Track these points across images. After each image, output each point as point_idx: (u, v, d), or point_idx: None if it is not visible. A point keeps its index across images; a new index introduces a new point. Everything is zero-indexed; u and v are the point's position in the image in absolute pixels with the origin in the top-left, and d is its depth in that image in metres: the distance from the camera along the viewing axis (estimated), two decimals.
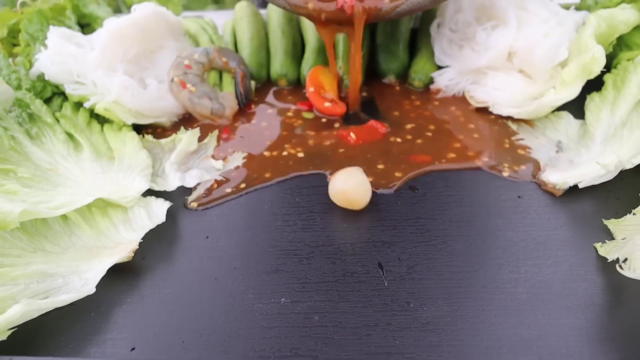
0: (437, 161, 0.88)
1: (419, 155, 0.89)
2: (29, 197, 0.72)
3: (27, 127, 0.90)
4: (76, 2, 1.21)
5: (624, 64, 0.96)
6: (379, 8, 0.89)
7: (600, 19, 0.97)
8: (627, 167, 0.77)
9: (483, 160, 0.88)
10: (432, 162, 0.88)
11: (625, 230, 0.71)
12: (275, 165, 0.90)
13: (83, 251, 0.71)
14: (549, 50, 0.92)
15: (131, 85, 0.95)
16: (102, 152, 0.89)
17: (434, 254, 0.71)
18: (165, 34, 1.10)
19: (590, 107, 0.95)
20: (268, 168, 0.89)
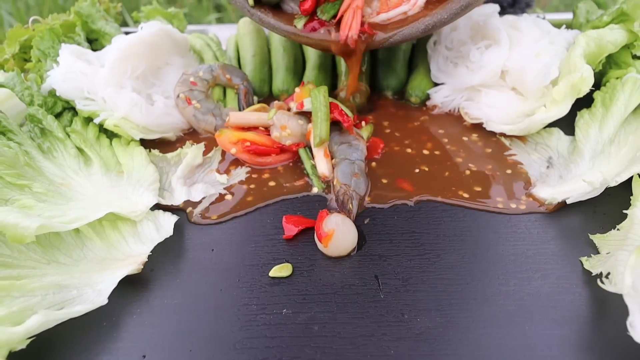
0: (428, 192, 0.90)
1: (405, 181, 0.92)
2: (43, 212, 0.76)
3: (39, 142, 0.94)
4: (85, 19, 1.26)
5: (613, 82, 1.00)
6: (373, 39, 0.94)
7: (589, 39, 1.01)
8: (611, 184, 0.81)
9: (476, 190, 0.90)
10: (414, 193, 0.89)
11: (610, 245, 0.74)
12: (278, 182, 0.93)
13: (95, 263, 0.75)
14: (540, 70, 0.96)
15: (139, 102, 0.99)
16: (111, 167, 0.93)
17: (427, 267, 0.74)
18: (171, 50, 1.15)
19: (580, 124, 0.99)
20: (270, 184, 0.93)
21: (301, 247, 0.79)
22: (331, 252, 0.76)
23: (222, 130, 0.97)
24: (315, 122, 0.92)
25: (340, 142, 0.95)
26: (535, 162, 0.96)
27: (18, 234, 0.67)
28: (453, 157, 0.98)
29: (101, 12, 1.30)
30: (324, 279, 0.73)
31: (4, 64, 1.24)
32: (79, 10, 1.26)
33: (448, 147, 1.01)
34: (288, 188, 0.91)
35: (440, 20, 0.91)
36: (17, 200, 0.77)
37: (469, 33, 1.12)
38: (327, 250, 0.76)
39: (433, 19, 0.91)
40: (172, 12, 1.43)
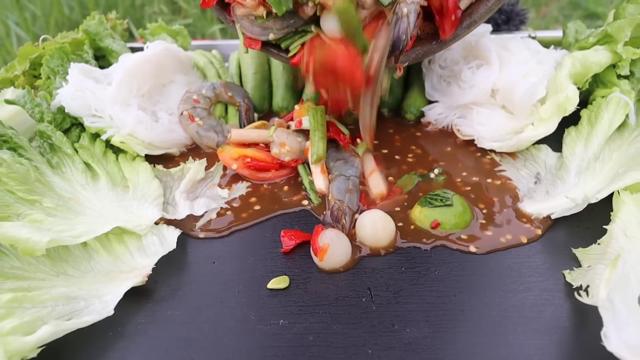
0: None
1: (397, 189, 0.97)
2: (53, 226, 0.80)
3: (48, 157, 0.98)
4: (93, 37, 1.31)
5: (598, 100, 1.05)
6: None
7: (575, 60, 1.05)
8: (592, 201, 0.85)
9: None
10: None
11: (591, 259, 0.78)
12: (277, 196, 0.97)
13: (101, 275, 0.79)
14: (527, 89, 1.01)
15: (144, 119, 1.04)
16: (117, 181, 0.97)
17: (417, 280, 0.78)
18: (175, 68, 1.19)
19: (567, 140, 1.03)
20: (270, 199, 0.97)
21: (298, 260, 0.83)
22: (326, 266, 0.80)
23: (223, 147, 1.01)
24: (313, 141, 0.96)
25: (336, 158, 0.99)
26: (524, 178, 1.00)
27: (29, 247, 0.71)
28: (446, 172, 1.02)
29: (108, 30, 1.35)
30: (319, 290, 0.77)
31: (15, 80, 1.29)
32: (87, 29, 1.31)
33: (442, 163, 1.05)
34: (286, 203, 0.95)
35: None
36: (28, 215, 0.81)
37: (461, 52, 1.16)
38: (322, 264, 0.80)
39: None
40: (177, 29, 1.48)
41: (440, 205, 0.88)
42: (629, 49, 1.05)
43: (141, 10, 3.37)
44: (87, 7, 3.07)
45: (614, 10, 1.23)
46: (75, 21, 3.08)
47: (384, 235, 0.83)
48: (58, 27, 3.04)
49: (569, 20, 3.13)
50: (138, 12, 3.36)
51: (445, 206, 0.88)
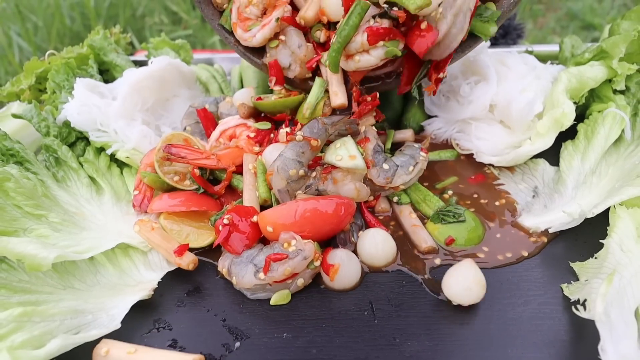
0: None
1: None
2: (59, 241, 0.82)
3: (54, 171, 1.00)
4: (97, 52, 1.33)
5: (595, 115, 1.07)
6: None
7: (571, 76, 1.08)
8: (589, 215, 0.87)
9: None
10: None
11: (588, 273, 0.80)
12: None
13: (108, 288, 0.80)
14: (525, 105, 1.03)
15: (148, 133, 1.05)
16: (122, 196, 0.99)
17: (418, 294, 0.80)
18: (179, 83, 1.22)
19: (564, 155, 1.05)
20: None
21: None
22: (336, 286, 0.81)
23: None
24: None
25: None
26: (522, 192, 1.02)
27: (36, 263, 0.72)
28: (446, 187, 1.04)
29: (112, 44, 1.37)
30: (322, 304, 0.79)
31: (21, 94, 1.31)
32: (91, 44, 1.33)
33: (442, 177, 1.07)
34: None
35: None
36: (35, 230, 0.82)
37: (460, 68, 1.19)
38: (332, 284, 0.80)
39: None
40: (179, 44, 1.51)
41: (453, 222, 0.89)
42: (624, 65, 1.08)
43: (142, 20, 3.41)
44: (88, 18, 3.10)
45: (609, 25, 1.26)
46: (76, 32, 3.10)
47: (383, 255, 0.84)
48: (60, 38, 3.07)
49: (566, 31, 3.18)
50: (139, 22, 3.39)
51: (458, 222, 0.89)
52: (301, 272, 0.77)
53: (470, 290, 0.74)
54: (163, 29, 3.26)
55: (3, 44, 2.87)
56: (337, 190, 0.85)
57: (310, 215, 0.77)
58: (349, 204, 0.81)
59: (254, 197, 0.89)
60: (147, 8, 3.36)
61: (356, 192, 0.85)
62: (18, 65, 2.78)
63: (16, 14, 2.93)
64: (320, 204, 0.78)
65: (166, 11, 3.38)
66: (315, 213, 0.77)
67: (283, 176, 0.82)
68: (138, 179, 0.95)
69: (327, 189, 0.85)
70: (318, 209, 0.77)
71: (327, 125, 0.87)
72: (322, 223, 0.78)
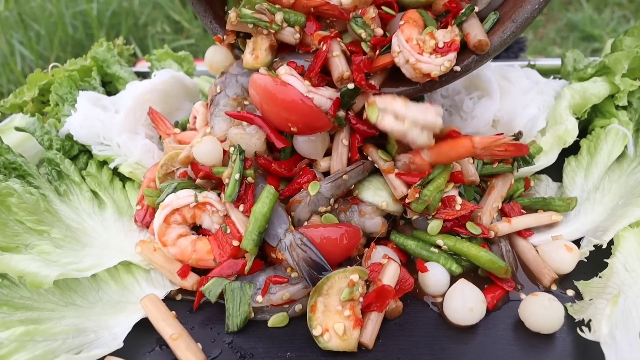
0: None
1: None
2: (60, 258, 0.81)
3: (56, 185, 1.00)
4: (101, 64, 1.33)
5: (598, 130, 1.07)
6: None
7: (574, 92, 1.08)
8: (597, 243, 0.85)
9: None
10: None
11: (592, 292, 0.79)
12: None
13: (110, 306, 0.79)
14: (528, 121, 1.03)
15: (152, 148, 1.05)
16: (124, 211, 0.99)
17: (422, 312, 0.79)
18: (182, 96, 1.22)
19: (567, 171, 1.05)
20: None
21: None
22: None
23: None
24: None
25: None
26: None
27: (37, 281, 0.72)
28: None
29: (115, 56, 1.37)
30: None
31: (23, 106, 1.31)
32: (95, 56, 1.33)
33: None
34: None
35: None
36: (37, 246, 0.82)
37: (463, 82, 1.19)
38: None
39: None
40: (182, 55, 1.51)
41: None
42: (626, 81, 1.08)
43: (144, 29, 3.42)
44: (91, 27, 3.11)
45: (612, 40, 1.27)
46: (79, 40, 3.12)
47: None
48: (62, 46, 3.08)
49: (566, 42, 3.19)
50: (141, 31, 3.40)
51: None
52: (299, 299, 0.76)
53: (473, 310, 0.73)
54: (165, 38, 3.28)
55: (5, 52, 2.88)
56: (362, 222, 0.84)
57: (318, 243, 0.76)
58: (353, 232, 0.79)
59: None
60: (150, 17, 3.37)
61: (383, 226, 0.85)
62: (20, 74, 2.78)
63: (19, 23, 2.95)
64: (326, 232, 0.77)
65: (168, 20, 3.40)
66: (322, 240, 0.76)
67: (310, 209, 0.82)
68: (140, 195, 0.94)
69: (351, 220, 0.85)
70: (323, 236, 0.76)
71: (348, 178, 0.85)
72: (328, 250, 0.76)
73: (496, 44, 0.85)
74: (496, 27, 0.87)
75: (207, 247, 0.80)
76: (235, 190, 0.78)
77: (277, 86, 0.77)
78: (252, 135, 0.81)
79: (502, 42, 0.85)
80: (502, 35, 0.85)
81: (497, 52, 0.86)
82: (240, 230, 0.77)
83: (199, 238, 0.82)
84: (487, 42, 0.83)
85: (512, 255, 0.87)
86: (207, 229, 0.83)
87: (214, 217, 0.81)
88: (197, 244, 0.81)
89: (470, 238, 0.83)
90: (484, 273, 0.82)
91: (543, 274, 0.83)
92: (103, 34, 3.02)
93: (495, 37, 0.86)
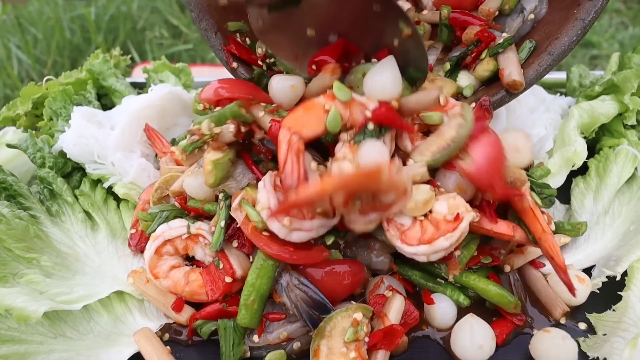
0: None
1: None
2: (50, 288, 0.77)
3: (48, 205, 0.96)
4: (97, 76, 1.30)
5: (606, 150, 1.04)
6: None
7: (582, 111, 1.05)
8: (610, 274, 0.82)
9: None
10: None
11: (605, 326, 0.76)
12: None
13: (101, 338, 0.76)
14: (536, 143, 1.00)
15: (147, 167, 1.02)
16: (118, 232, 0.95)
17: (428, 347, 0.76)
18: (179, 111, 1.18)
19: (575, 193, 1.02)
20: None
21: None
22: None
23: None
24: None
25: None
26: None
27: (24, 315, 0.69)
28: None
29: (112, 69, 1.34)
30: None
31: (17, 119, 1.28)
32: (91, 68, 1.30)
33: None
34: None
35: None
36: (25, 275, 0.78)
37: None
38: None
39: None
40: (180, 67, 1.48)
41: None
42: (635, 100, 1.05)
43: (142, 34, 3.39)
44: (88, 31, 3.08)
45: (617, 54, 1.24)
46: (76, 45, 3.08)
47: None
48: (59, 50, 3.05)
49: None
50: (139, 35, 3.37)
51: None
52: (299, 336, 0.72)
53: (482, 348, 0.70)
54: (163, 43, 3.24)
55: (2, 56, 2.84)
56: (369, 258, 0.79)
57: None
58: (357, 269, 0.75)
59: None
60: (148, 21, 3.34)
61: (390, 264, 0.81)
62: (17, 78, 2.75)
63: (16, 27, 2.91)
64: (328, 269, 0.73)
65: (166, 25, 3.37)
66: (324, 277, 0.72)
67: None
68: (135, 218, 0.91)
69: (357, 255, 0.80)
70: (325, 273, 0.72)
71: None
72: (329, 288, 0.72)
73: (532, 78, 0.82)
74: (531, 58, 0.84)
75: (200, 280, 0.76)
76: (220, 239, 0.74)
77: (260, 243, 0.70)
78: (239, 182, 0.77)
79: (538, 76, 0.82)
80: (538, 69, 0.82)
81: (531, 85, 0.83)
82: (233, 266, 0.73)
83: (192, 270, 0.79)
84: (522, 83, 0.80)
85: (521, 285, 0.83)
86: (200, 260, 0.80)
87: (206, 250, 0.78)
88: (190, 276, 0.77)
89: (478, 268, 0.80)
90: (492, 305, 0.79)
91: (554, 306, 0.79)
92: (101, 38, 2.99)
93: (531, 70, 0.83)
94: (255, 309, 0.69)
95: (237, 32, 0.91)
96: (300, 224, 0.66)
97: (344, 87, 0.70)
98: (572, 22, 0.79)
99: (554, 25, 0.83)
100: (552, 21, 0.86)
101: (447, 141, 0.70)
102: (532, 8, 0.90)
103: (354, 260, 0.76)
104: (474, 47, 0.88)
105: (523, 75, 0.82)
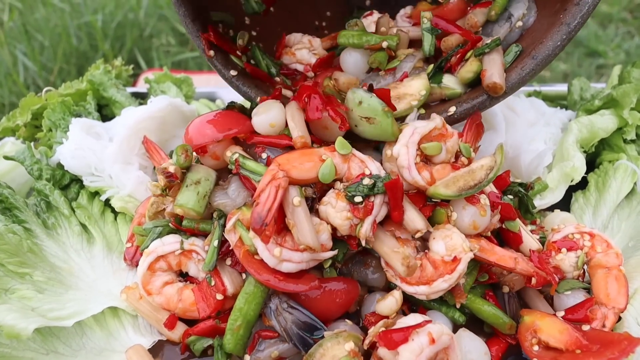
0: None
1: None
2: (42, 304, 0.78)
3: (44, 217, 0.96)
4: (97, 87, 1.30)
5: (606, 165, 1.03)
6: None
7: (582, 126, 1.04)
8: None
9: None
10: None
11: None
12: None
13: (94, 354, 0.76)
14: (534, 158, 0.99)
15: (145, 180, 1.02)
16: (114, 246, 0.95)
17: None
18: (179, 123, 1.18)
19: (575, 208, 1.01)
20: None
21: None
22: None
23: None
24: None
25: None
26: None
27: (15, 332, 0.69)
28: None
29: (112, 79, 1.34)
30: None
31: (16, 129, 1.28)
32: (91, 79, 1.30)
33: None
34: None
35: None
36: (17, 290, 0.78)
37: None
38: None
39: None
40: (181, 78, 1.48)
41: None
42: (635, 114, 1.05)
43: (149, 41, 3.41)
44: (95, 38, 3.10)
45: (619, 66, 1.23)
46: (83, 52, 3.10)
47: None
48: (66, 57, 3.07)
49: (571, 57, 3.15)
50: (146, 42, 3.39)
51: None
52: (290, 356, 0.72)
53: None
54: (170, 50, 3.26)
55: (8, 63, 2.87)
56: (365, 274, 0.78)
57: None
58: (351, 287, 0.74)
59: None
60: (155, 29, 3.36)
61: (386, 281, 0.80)
62: (22, 85, 2.78)
63: (23, 33, 2.94)
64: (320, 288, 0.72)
65: (173, 32, 3.39)
66: (316, 297, 0.71)
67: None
68: (131, 231, 0.91)
69: (352, 272, 0.79)
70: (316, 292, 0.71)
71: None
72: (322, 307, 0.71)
73: (514, 82, 0.81)
74: (515, 62, 0.83)
75: (193, 297, 0.76)
76: (213, 259, 0.74)
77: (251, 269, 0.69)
78: (234, 199, 0.77)
79: (520, 80, 0.81)
80: (521, 73, 0.81)
81: (514, 90, 0.82)
82: (225, 284, 0.73)
83: (185, 286, 0.78)
84: (503, 86, 0.79)
85: (515, 302, 0.82)
86: (194, 276, 0.80)
87: (200, 266, 0.78)
88: (183, 292, 0.77)
89: (475, 286, 0.79)
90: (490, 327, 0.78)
91: None
92: (107, 45, 3.01)
93: (514, 74, 0.82)
94: (241, 335, 0.69)
95: (220, 22, 0.92)
96: (290, 255, 0.66)
97: (345, 143, 0.73)
98: (558, 27, 0.78)
99: (541, 31, 0.82)
100: (539, 28, 0.85)
101: (476, 181, 0.74)
102: (519, 15, 0.89)
103: (348, 278, 0.76)
104: (460, 48, 0.87)
105: (504, 79, 0.81)
